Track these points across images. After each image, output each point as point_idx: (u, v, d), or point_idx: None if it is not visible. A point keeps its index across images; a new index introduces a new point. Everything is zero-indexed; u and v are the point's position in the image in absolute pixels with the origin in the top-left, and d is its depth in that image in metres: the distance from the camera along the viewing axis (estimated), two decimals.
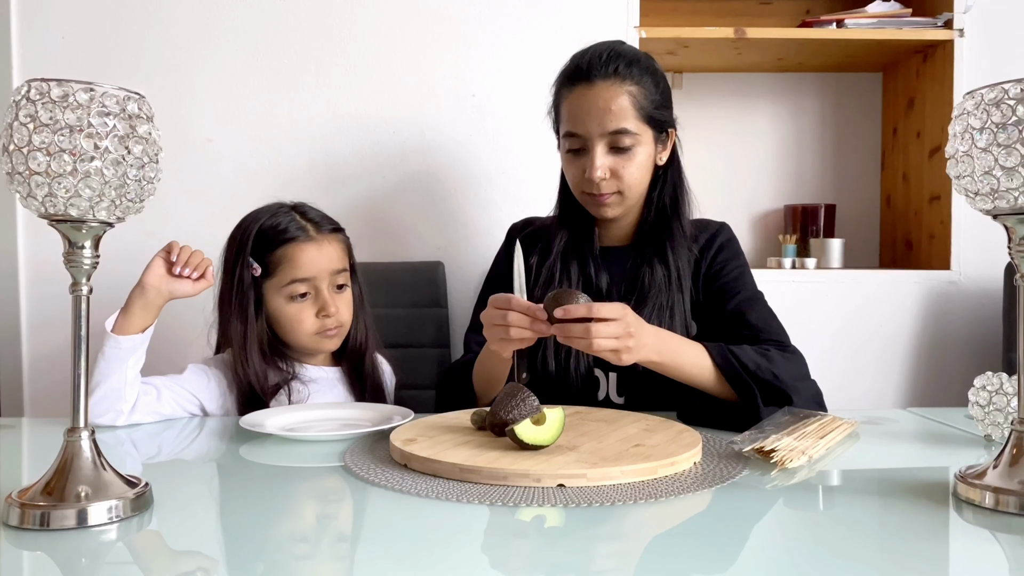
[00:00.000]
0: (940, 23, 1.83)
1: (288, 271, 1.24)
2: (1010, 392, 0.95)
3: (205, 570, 0.59)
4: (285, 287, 1.24)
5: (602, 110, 1.14)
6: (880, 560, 0.61)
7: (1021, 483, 0.71)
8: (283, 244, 1.24)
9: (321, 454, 0.93)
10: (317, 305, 1.25)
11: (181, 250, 1.17)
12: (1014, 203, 0.70)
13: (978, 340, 1.84)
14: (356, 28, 1.73)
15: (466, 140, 1.75)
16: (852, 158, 2.17)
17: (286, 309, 1.25)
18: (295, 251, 1.24)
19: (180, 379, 1.22)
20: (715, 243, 1.26)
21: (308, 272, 1.24)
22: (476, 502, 0.72)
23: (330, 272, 1.26)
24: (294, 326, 1.25)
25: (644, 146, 1.17)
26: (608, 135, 1.15)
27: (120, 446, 1.01)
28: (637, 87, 1.15)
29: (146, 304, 1.13)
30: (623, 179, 1.17)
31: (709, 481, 0.79)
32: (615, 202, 1.19)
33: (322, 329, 1.26)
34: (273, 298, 1.26)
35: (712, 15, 2.10)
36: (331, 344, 1.28)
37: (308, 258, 1.24)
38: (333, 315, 1.25)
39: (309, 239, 1.25)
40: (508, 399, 0.89)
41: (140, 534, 0.66)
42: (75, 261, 0.70)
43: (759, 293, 1.24)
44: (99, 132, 0.66)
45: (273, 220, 1.26)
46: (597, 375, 1.22)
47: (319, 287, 1.26)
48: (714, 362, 1.07)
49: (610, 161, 1.16)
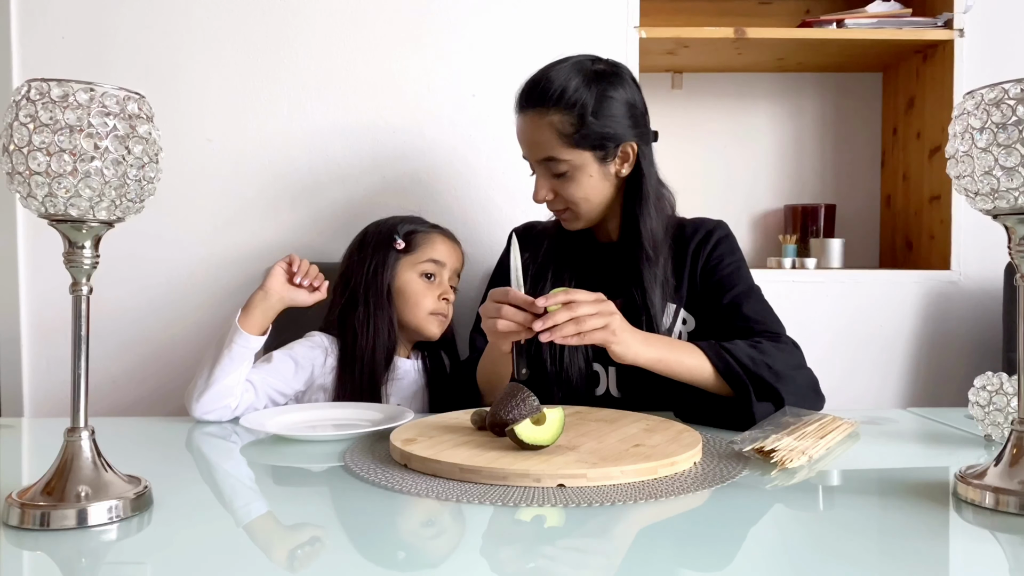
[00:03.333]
0: (940, 23, 1.83)
1: (427, 251, 1.41)
2: (1010, 392, 0.95)
3: (205, 571, 0.59)
4: (421, 264, 1.40)
5: (529, 141, 1.20)
6: (880, 560, 0.61)
7: (1021, 483, 0.71)
8: (426, 231, 1.44)
9: (321, 454, 0.93)
10: (440, 289, 1.41)
11: (301, 262, 1.26)
12: (1014, 203, 0.70)
13: (978, 340, 1.84)
14: (356, 28, 1.73)
15: (466, 140, 1.75)
16: (852, 158, 2.17)
17: (416, 283, 1.39)
18: (436, 238, 1.43)
19: (269, 369, 1.27)
20: (711, 239, 1.27)
21: (443, 257, 1.41)
22: (476, 502, 0.72)
23: (454, 269, 1.45)
24: (419, 299, 1.38)
25: (583, 167, 1.18)
26: (540, 162, 1.20)
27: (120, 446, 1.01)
28: (560, 115, 1.15)
29: (267, 308, 1.21)
30: (567, 199, 1.21)
31: (709, 481, 0.79)
32: (570, 217, 1.24)
33: (438, 310, 1.40)
34: (406, 271, 1.40)
35: (712, 15, 2.10)
36: (438, 329, 1.41)
37: (445, 248, 1.43)
38: (451, 302, 1.41)
39: (445, 236, 1.46)
40: (508, 399, 0.89)
41: (140, 534, 0.66)
42: (75, 261, 0.70)
43: (755, 287, 1.25)
44: (99, 132, 0.66)
45: (417, 218, 1.47)
46: (596, 370, 1.23)
47: (444, 276, 1.42)
48: (709, 359, 1.07)
49: (552, 183, 1.20)
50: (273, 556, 0.61)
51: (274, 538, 0.66)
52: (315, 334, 1.38)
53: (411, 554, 0.61)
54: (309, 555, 0.62)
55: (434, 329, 1.39)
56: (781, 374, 1.07)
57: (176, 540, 0.65)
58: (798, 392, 1.08)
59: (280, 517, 0.71)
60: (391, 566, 0.59)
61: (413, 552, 0.62)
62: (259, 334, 1.19)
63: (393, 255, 1.39)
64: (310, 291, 1.25)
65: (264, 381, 1.23)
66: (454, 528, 0.67)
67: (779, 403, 1.05)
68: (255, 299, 1.20)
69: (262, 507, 0.74)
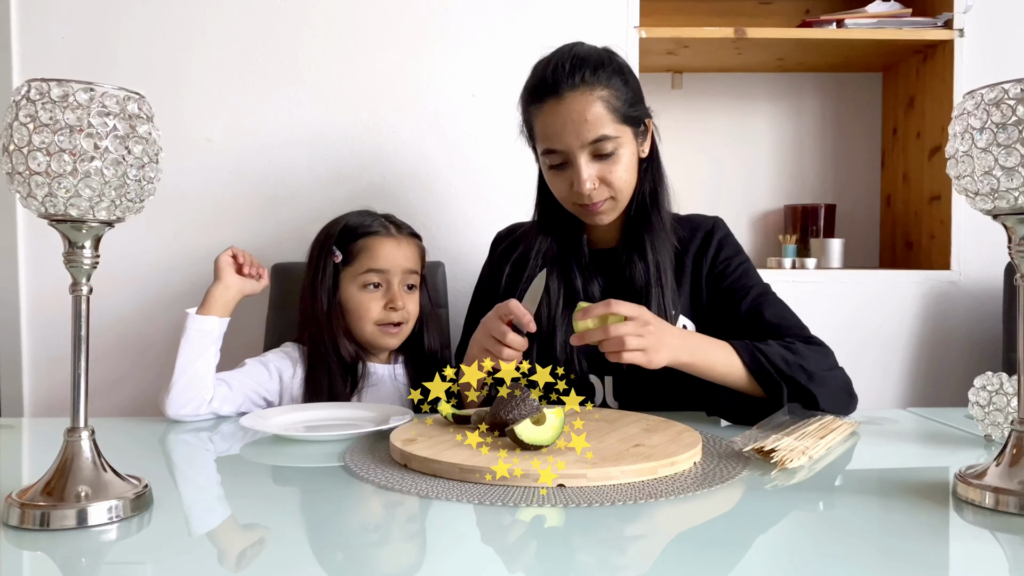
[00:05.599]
0: (940, 23, 1.83)
1: (366, 260, 1.34)
2: (1010, 392, 0.95)
3: (205, 570, 0.59)
4: (361, 275, 1.34)
5: (577, 122, 1.10)
6: (880, 560, 0.61)
7: (1021, 483, 0.71)
8: (365, 236, 1.35)
9: (321, 454, 0.93)
10: (386, 298, 1.34)
11: (243, 253, 1.27)
12: (1014, 203, 0.70)
13: (978, 340, 1.84)
14: (356, 28, 1.73)
15: (466, 140, 1.75)
16: (852, 158, 2.17)
17: (357, 296, 1.34)
18: (375, 243, 1.35)
19: (243, 371, 1.27)
20: (713, 241, 1.24)
21: (383, 264, 1.34)
22: (476, 502, 0.72)
23: (403, 270, 1.36)
24: (362, 313, 1.34)
25: (626, 146, 1.14)
26: (589, 145, 1.11)
27: (120, 446, 1.01)
28: (608, 90, 1.10)
29: (228, 301, 1.23)
30: (613, 184, 1.14)
31: (709, 481, 0.79)
32: (609, 208, 1.17)
33: (386, 320, 1.34)
34: (348, 286, 1.35)
35: (712, 15, 2.10)
36: (392, 340, 1.36)
37: (386, 252, 1.35)
38: (400, 309, 1.33)
39: (389, 235, 1.37)
40: (508, 399, 0.89)
41: (140, 534, 0.66)
42: (75, 261, 0.70)
43: (766, 286, 1.23)
44: (99, 132, 0.66)
45: (359, 219, 1.39)
46: (592, 381, 1.21)
47: (391, 281, 1.35)
48: (743, 361, 1.06)
49: (596, 169, 1.13)
50: (273, 556, 0.61)
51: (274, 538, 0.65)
52: (288, 345, 1.37)
53: (411, 554, 0.61)
54: (309, 556, 0.62)
55: (385, 341, 1.35)
56: (815, 375, 1.06)
57: (176, 540, 0.65)
58: (832, 394, 1.08)
59: (280, 518, 0.71)
60: (391, 566, 0.59)
61: (413, 552, 0.62)
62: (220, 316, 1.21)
63: (332, 269, 1.35)
64: (257, 279, 1.27)
65: (237, 379, 1.23)
66: (454, 528, 0.67)
67: (812, 404, 1.05)
68: (215, 293, 1.22)
69: (262, 507, 0.74)
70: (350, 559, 0.62)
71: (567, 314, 1.19)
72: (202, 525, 0.70)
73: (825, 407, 1.06)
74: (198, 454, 1.01)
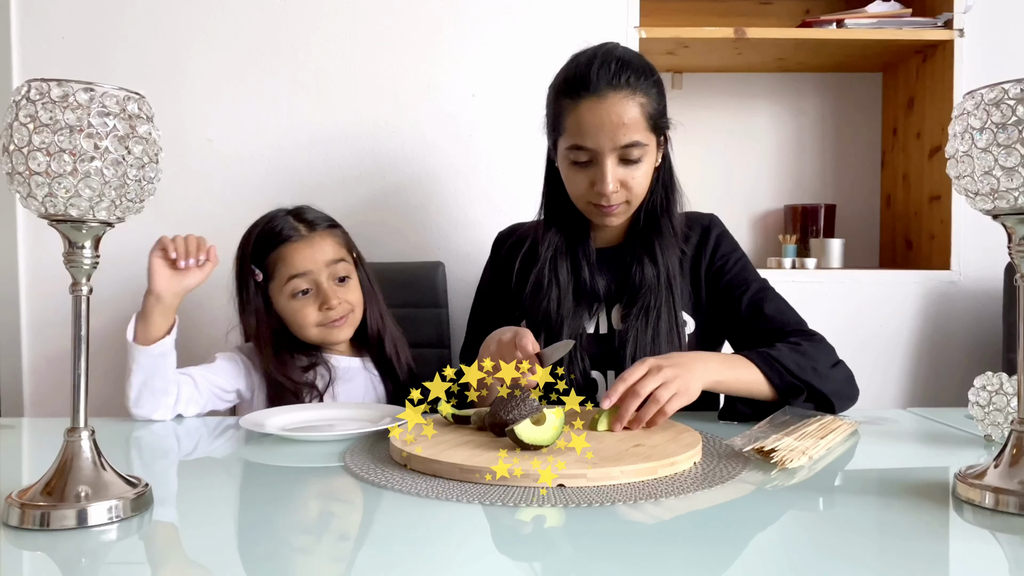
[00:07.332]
0: (940, 23, 1.83)
1: (285, 270, 1.29)
2: (1010, 392, 0.95)
3: (205, 570, 0.59)
4: (286, 286, 1.30)
5: (615, 124, 1.10)
6: (880, 560, 0.61)
7: (1021, 483, 0.71)
8: (278, 246, 1.30)
9: (321, 454, 0.93)
10: (319, 299, 1.30)
11: (174, 241, 1.16)
12: (1014, 203, 0.70)
13: (978, 340, 1.84)
14: (356, 28, 1.73)
15: (466, 140, 1.75)
16: (852, 158, 2.17)
17: (290, 306, 1.30)
18: (289, 251, 1.30)
19: (212, 367, 1.26)
20: (710, 238, 1.26)
21: (303, 268, 1.29)
22: (476, 502, 0.72)
23: (326, 264, 1.31)
24: (299, 321, 1.30)
25: (650, 154, 1.16)
26: (620, 148, 1.11)
27: (121, 446, 1.01)
28: (647, 97, 1.12)
29: (165, 309, 1.15)
30: (632, 189, 1.15)
31: (709, 481, 0.79)
32: (623, 211, 1.18)
33: (326, 321, 1.30)
34: (278, 299, 1.31)
35: (712, 15, 2.10)
36: (341, 334, 1.33)
37: (302, 256, 1.29)
38: (335, 307, 1.29)
39: (301, 238, 1.31)
40: (508, 399, 0.89)
41: (140, 534, 0.66)
42: (75, 261, 0.70)
43: (764, 281, 1.25)
44: (99, 132, 0.66)
45: (268, 225, 1.32)
46: (595, 377, 1.22)
47: (318, 281, 1.30)
48: (762, 372, 1.07)
49: (620, 173, 1.13)
50: (273, 556, 0.61)
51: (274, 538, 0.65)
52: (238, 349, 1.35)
53: (411, 554, 0.61)
54: (308, 556, 0.62)
55: (337, 336, 1.32)
56: (824, 375, 1.09)
57: (176, 540, 0.65)
58: (839, 390, 1.10)
59: (280, 517, 0.71)
60: (391, 566, 0.59)
61: (413, 552, 0.62)
62: (164, 335, 1.15)
63: (256, 287, 1.31)
64: (199, 267, 1.17)
65: (203, 376, 1.23)
66: (454, 528, 0.67)
67: (824, 404, 1.08)
68: (148, 305, 1.14)
69: (261, 507, 0.74)
70: (350, 559, 0.62)
71: (575, 309, 1.21)
72: (202, 525, 0.70)
73: (835, 404, 1.09)
74: (198, 454, 1.01)
